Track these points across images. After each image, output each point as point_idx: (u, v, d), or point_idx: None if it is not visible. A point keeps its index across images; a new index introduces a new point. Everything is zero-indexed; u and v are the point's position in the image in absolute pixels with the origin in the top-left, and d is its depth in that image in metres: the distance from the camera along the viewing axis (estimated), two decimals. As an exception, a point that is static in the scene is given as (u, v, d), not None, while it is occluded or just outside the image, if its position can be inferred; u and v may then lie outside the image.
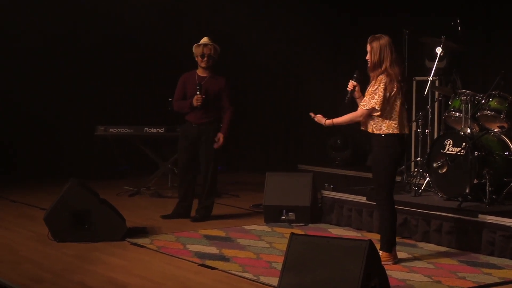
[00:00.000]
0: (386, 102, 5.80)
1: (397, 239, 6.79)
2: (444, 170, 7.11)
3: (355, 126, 6.26)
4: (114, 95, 10.81)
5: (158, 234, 7.01)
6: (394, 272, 5.62)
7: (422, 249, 6.51)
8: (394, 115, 5.84)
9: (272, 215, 7.63)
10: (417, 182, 7.63)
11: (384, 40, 5.86)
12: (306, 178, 7.74)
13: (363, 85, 6.04)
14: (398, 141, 5.87)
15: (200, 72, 7.72)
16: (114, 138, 9.40)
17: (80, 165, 10.45)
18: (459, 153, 6.97)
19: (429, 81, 7.76)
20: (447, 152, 7.13)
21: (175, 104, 7.81)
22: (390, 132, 5.84)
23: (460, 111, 7.32)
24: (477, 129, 7.34)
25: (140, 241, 6.68)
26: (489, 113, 7.18)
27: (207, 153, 7.66)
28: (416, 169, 8.01)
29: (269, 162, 11.20)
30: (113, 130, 9.31)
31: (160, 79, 11.19)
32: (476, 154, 6.86)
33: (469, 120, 7.25)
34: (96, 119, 10.04)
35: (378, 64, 5.84)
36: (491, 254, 6.24)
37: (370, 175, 8.78)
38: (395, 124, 5.84)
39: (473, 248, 6.37)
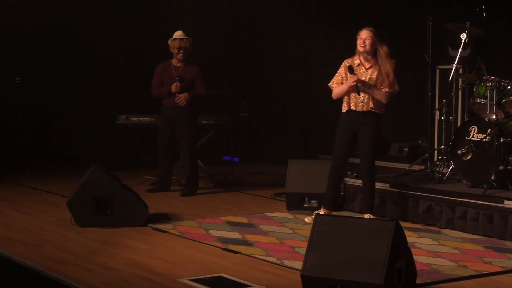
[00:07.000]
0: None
1: (421, 226, 6.78)
2: (469, 157, 7.04)
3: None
4: (136, 83, 10.75)
5: (180, 220, 6.99)
6: (419, 257, 5.55)
7: (447, 236, 6.44)
8: None
9: (294, 203, 7.59)
10: (441, 170, 7.56)
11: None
12: (328, 165, 7.66)
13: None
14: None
15: (175, 62, 8.54)
16: (136, 127, 9.37)
17: (101, 154, 10.43)
18: (484, 140, 6.90)
19: (453, 68, 7.67)
20: (472, 139, 7.05)
21: (154, 91, 8.57)
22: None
23: (485, 98, 7.23)
24: (503, 115, 7.24)
25: (163, 226, 6.67)
26: (514, 99, 7.09)
27: (183, 134, 8.44)
28: (440, 157, 7.93)
29: (290, 152, 11.12)
30: (134, 119, 9.30)
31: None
32: (501, 141, 6.77)
33: (494, 107, 7.17)
34: (118, 107, 10.03)
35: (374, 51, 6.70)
36: (517, 240, 6.17)
37: (392, 164, 8.85)
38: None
39: (498, 235, 6.30)
